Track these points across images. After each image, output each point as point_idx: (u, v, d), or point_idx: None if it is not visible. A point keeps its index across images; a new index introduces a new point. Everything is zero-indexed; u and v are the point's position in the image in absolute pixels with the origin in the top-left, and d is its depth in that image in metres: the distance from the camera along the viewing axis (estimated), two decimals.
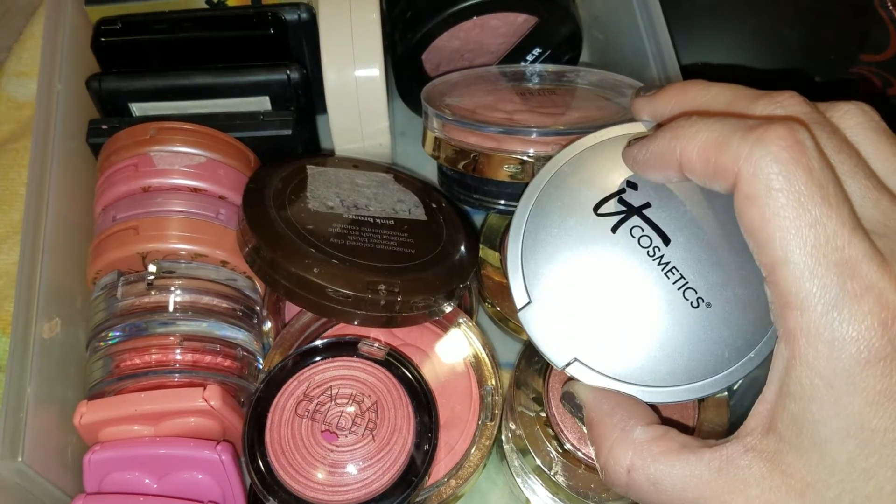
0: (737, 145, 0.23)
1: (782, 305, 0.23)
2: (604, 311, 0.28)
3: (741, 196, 0.23)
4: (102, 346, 0.39)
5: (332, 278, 0.37)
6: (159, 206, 0.41)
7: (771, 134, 0.23)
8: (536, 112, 0.42)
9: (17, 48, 0.59)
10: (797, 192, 0.22)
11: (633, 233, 0.28)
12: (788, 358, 0.23)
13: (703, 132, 0.24)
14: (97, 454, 0.38)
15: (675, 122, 0.26)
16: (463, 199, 0.43)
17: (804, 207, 0.22)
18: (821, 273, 0.22)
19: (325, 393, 0.39)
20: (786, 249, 0.22)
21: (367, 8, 0.45)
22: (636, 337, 0.28)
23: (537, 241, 0.29)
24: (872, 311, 0.21)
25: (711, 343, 0.27)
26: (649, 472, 0.25)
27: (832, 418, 0.22)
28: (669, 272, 0.28)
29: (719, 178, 0.24)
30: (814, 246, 0.22)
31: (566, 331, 0.28)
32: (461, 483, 0.38)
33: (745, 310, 0.27)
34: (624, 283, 0.28)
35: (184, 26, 0.46)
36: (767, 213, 0.23)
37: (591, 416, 0.28)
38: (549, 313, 0.28)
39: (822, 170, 0.22)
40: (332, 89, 0.45)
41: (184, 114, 0.45)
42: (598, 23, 0.52)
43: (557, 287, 0.28)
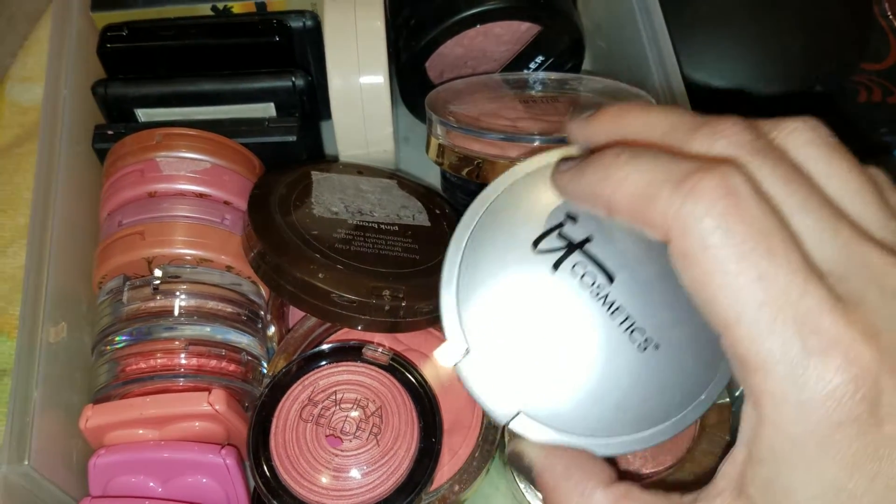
0: (666, 199, 0.21)
1: (742, 368, 0.21)
2: (548, 357, 0.26)
3: (676, 253, 0.21)
4: (108, 350, 0.39)
5: (336, 283, 0.38)
6: (165, 212, 0.41)
7: (702, 187, 0.20)
8: (539, 119, 0.42)
9: (23, 53, 0.60)
10: (737, 247, 0.20)
11: (575, 270, 0.26)
12: (756, 421, 0.21)
13: (630, 179, 0.22)
14: (102, 458, 0.38)
15: (604, 157, 0.23)
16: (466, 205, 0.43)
17: (747, 262, 0.20)
18: (777, 331, 0.20)
19: (329, 397, 0.39)
20: (734, 309, 0.20)
21: (371, 15, 0.45)
22: (583, 384, 0.25)
23: (473, 283, 0.26)
24: (841, 368, 0.19)
25: (661, 387, 0.25)
26: None
27: (806, 483, 0.20)
28: (615, 312, 0.25)
29: (649, 230, 0.22)
30: (764, 302, 0.20)
31: (509, 381, 0.26)
32: (464, 488, 0.39)
33: (693, 350, 0.26)
34: (568, 325, 0.26)
35: (189, 33, 0.46)
36: (707, 271, 0.21)
37: (545, 479, 0.25)
38: (490, 362, 0.26)
39: (764, 216, 0.20)
40: (337, 96, 0.45)
41: (189, 120, 0.45)
42: (600, 31, 0.53)
43: (497, 332, 0.26)
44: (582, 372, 0.25)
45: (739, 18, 0.50)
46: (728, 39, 0.50)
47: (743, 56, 0.50)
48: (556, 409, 0.25)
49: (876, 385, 0.20)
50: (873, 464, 0.20)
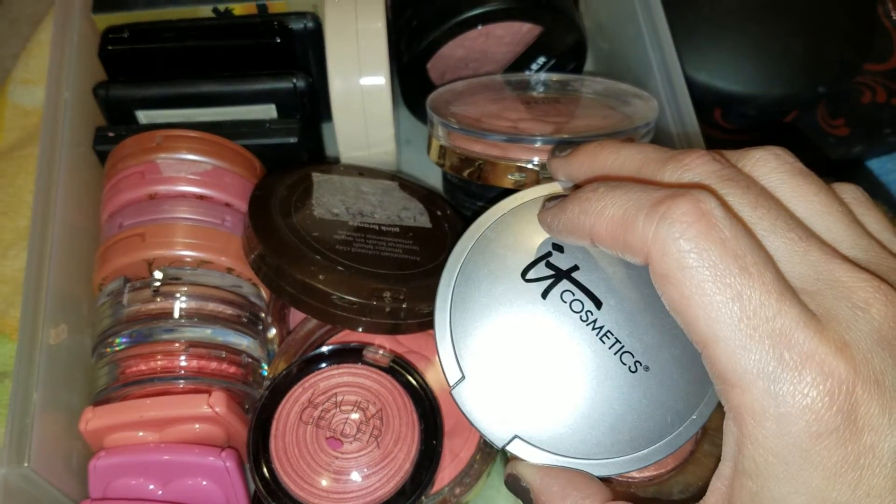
0: (642, 225, 0.22)
1: (722, 383, 0.22)
2: (541, 382, 0.26)
3: (656, 276, 0.22)
4: (108, 352, 0.39)
5: (337, 285, 0.38)
6: (165, 214, 0.41)
7: (675, 210, 0.22)
8: (541, 121, 0.42)
9: (24, 55, 0.60)
10: (712, 267, 0.21)
11: (563, 297, 0.27)
12: (738, 436, 0.22)
13: (608, 209, 0.23)
14: (102, 460, 0.38)
15: (583, 192, 0.25)
16: (467, 206, 0.43)
17: (723, 282, 0.21)
18: (754, 348, 0.21)
19: (329, 400, 0.39)
20: (712, 327, 0.21)
21: (372, 17, 0.45)
22: (576, 408, 0.26)
23: (466, 312, 0.27)
24: (816, 382, 0.20)
25: (653, 408, 0.26)
26: None
27: (792, 495, 0.21)
28: (604, 336, 0.27)
29: (630, 255, 0.23)
30: (740, 320, 0.21)
31: (504, 406, 0.27)
32: (465, 491, 0.38)
33: (682, 370, 0.26)
34: (559, 351, 0.27)
35: (190, 35, 0.47)
36: (685, 291, 0.21)
37: (543, 499, 0.26)
38: (485, 388, 0.27)
39: (736, 237, 0.21)
40: (338, 98, 0.45)
41: (190, 121, 0.46)
42: (602, 32, 0.53)
43: (491, 360, 0.27)
44: (575, 395, 0.26)
45: (742, 19, 0.50)
46: (731, 40, 0.50)
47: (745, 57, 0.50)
48: (552, 432, 0.26)
49: (851, 396, 0.20)
50: (854, 472, 0.20)
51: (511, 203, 0.30)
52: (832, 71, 0.51)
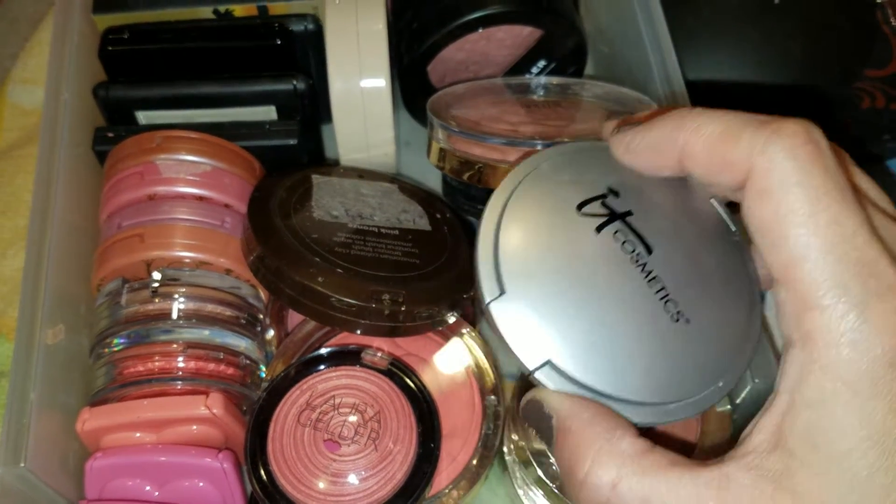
0: (749, 138, 0.22)
1: (799, 306, 0.22)
2: (581, 313, 0.25)
3: (753, 191, 0.22)
4: (106, 352, 0.39)
5: (336, 287, 0.38)
6: (164, 214, 0.41)
7: (787, 129, 0.22)
8: (541, 124, 0.42)
9: (24, 55, 0.60)
10: (815, 189, 0.21)
11: (616, 236, 0.26)
12: (805, 363, 0.21)
13: (710, 124, 0.23)
14: (99, 461, 0.38)
15: (676, 111, 0.24)
16: (467, 209, 0.44)
17: (822, 204, 0.21)
18: (841, 271, 0.21)
19: (327, 402, 0.39)
20: (803, 247, 0.21)
21: (373, 19, 0.45)
22: (613, 345, 0.25)
23: (514, 230, 0.26)
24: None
25: (686, 363, 0.26)
26: (639, 487, 0.23)
27: (855, 427, 0.20)
28: (652, 281, 0.26)
29: (727, 173, 0.23)
30: (833, 244, 0.21)
31: (539, 330, 0.25)
32: (463, 494, 0.38)
33: (720, 333, 0.26)
34: (604, 285, 0.26)
35: (191, 36, 0.47)
36: (782, 209, 0.22)
37: (568, 424, 0.24)
38: (523, 308, 0.25)
39: (838, 170, 0.22)
40: (338, 100, 0.45)
41: (190, 123, 0.45)
42: (603, 36, 0.53)
43: (533, 281, 0.26)
44: (613, 332, 0.25)
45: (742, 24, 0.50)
46: (730, 45, 0.50)
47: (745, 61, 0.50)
48: (585, 364, 0.25)
49: None
50: None
51: (570, 147, 0.29)
52: (831, 76, 0.51)
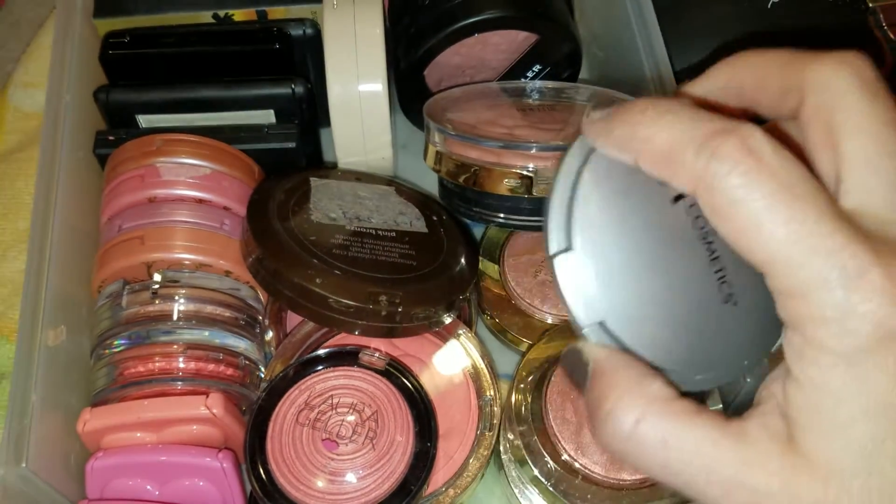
0: (691, 159, 0.22)
1: (782, 295, 0.22)
2: (643, 280, 0.26)
3: (706, 210, 0.23)
4: (107, 353, 0.40)
5: (334, 289, 0.38)
6: (165, 217, 0.41)
7: (724, 148, 0.22)
8: (536, 127, 0.43)
9: (25, 59, 0.60)
10: (764, 198, 0.21)
11: (691, 210, 0.26)
12: (800, 344, 0.22)
13: (657, 136, 0.24)
14: (100, 461, 0.38)
15: (631, 113, 0.25)
16: (463, 211, 0.44)
17: (776, 210, 0.21)
18: (814, 260, 0.21)
19: (325, 402, 0.39)
20: (769, 250, 0.22)
21: (370, 24, 0.46)
22: (665, 317, 0.26)
23: (592, 187, 0.26)
24: (879, 288, 0.21)
25: (723, 342, 0.26)
26: (661, 426, 0.23)
27: (855, 397, 0.21)
28: (714, 260, 0.26)
29: (676, 184, 0.24)
30: (796, 240, 0.21)
31: (599, 291, 0.26)
32: (459, 493, 0.39)
33: (758, 317, 0.26)
34: (670, 257, 0.26)
35: (191, 40, 0.47)
36: (739, 224, 0.22)
37: (602, 367, 0.25)
38: (587, 267, 0.26)
39: (787, 169, 0.22)
40: (336, 103, 0.45)
41: (190, 126, 0.46)
42: (597, 40, 0.53)
43: (603, 242, 0.26)
44: (670, 305, 0.26)
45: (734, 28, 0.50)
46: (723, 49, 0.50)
47: None
48: (635, 332, 0.26)
49: None
50: None
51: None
52: None
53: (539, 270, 0.45)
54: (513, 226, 0.43)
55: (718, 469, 0.22)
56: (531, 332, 0.44)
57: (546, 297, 0.45)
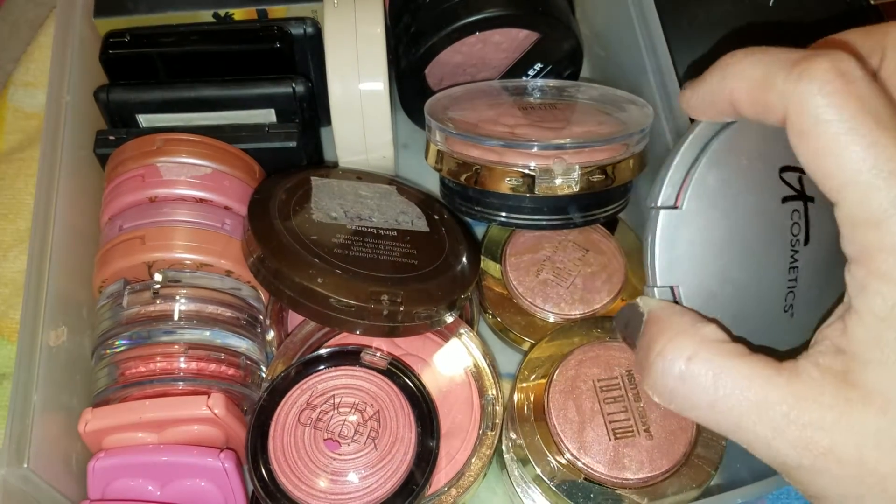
0: (782, 83, 0.23)
1: (853, 224, 0.22)
2: (727, 263, 0.27)
3: (793, 132, 0.23)
4: (108, 353, 0.40)
5: (335, 288, 0.38)
6: (165, 217, 0.41)
7: (815, 68, 0.22)
8: (538, 126, 0.43)
9: (26, 59, 0.60)
10: (849, 121, 0.22)
11: (793, 215, 0.27)
12: (864, 275, 0.22)
13: (749, 70, 0.24)
14: (101, 461, 0.38)
15: (722, 59, 0.25)
16: (465, 210, 0.44)
17: (859, 133, 0.22)
18: (889, 186, 0.21)
19: (327, 402, 0.39)
20: (848, 172, 0.22)
21: (371, 23, 0.46)
22: (730, 305, 0.27)
23: (719, 158, 0.27)
24: None
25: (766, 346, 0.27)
26: (713, 363, 0.23)
27: None
28: (792, 269, 0.27)
29: (771, 115, 0.24)
30: (875, 164, 0.21)
31: (685, 258, 0.26)
32: (461, 492, 0.39)
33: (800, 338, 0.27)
34: (759, 252, 0.27)
35: (191, 39, 0.47)
36: (821, 144, 0.22)
37: (657, 314, 0.26)
38: (684, 231, 0.26)
39: (873, 96, 0.22)
40: (337, 102, 0.45)
41: (190, 125, 0.46)
42: (598, 39, 0.53)
43: (709, 214, 0.26)
44: (739, 295, 0.27)
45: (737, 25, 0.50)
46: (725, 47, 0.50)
47: None
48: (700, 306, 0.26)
49: None
50: None
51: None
52: None
53: (541, 269, 0.45)
54: (514, 225, 0.43)
55: (770, 406, 0.23)
56: (533, 331, 0.44)
57: (548, 296, 0.44)
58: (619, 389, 0.39)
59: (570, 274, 0.45)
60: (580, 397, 0.39)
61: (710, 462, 0.37)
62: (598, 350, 0.40)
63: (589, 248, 0.46)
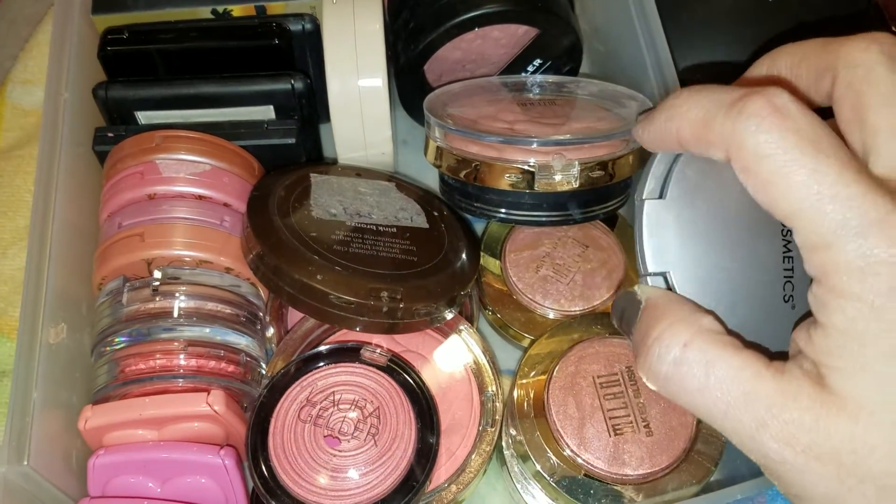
0: (721, 122, 0.24)
1: (808, 248, 0.23)
2: (717, 253, 0.27)
3: (738, 169, 0.24)
4: (108, 351, 0.40)
5: (334, 285, 0.38)
6: (164, 213, 0.41)
7: (750, 106, 0.23)
8: (537, 122, 0.43)
9: (24, 56, 0.60)
10: (789, 152, 0.22)
11: None
12: (823, 294, 0.23)
13: (691, 111, 0.25)
14: (101, 458, 0.38)
15: (667, 100, 0.27)
16: (464, 207, 0.44)
17: (799, 163, 0.22)
18: (836, 209, 0.22)
19: (327, 398, 0.39)
20: (795, 201, 0.23)
21: (370, 19, 0.46)
22: (724, 293, 0.27)
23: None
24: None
25: (770, 341, 0.27)
26: (707, 351, 0.24)
27: (879, 338, 0.22)
28: (787, 258, 0.28)
29: (714, 154, 0.25)
30: (819, 190, 0.22)
31: (674, 246, 0.27)
32: (462, 488, 0.39)
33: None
34: (748, 241, 0.27)
35: (189, 36, 0.47)
36: (765, 177, 0.23)
37: (654, 302, 0.27)
38: (671, 221, 0.27)
39: (810, 125, 0.23)
40: (336, 99, 0.45)
41: (189, 122, 0.46)
42: (598, 34, 0.53)
43: (695, 204, 0.27)
44: (732, 284, 0.27)
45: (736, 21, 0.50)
46: (725, 42, 0.50)
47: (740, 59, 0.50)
48: (695, 293, 0.27)
49: None
50: None
51: None
52: None
53: (540, 266, 0.45)
54: (514, 221, 0.43)
55: (756, 398, 0.23)
56: (533, 327, 0.44)
57: (548, 292, 0.44)
58: (619, 386, 0.39)
59: (569, 270, 0.45)
60: (580, 393, 0.39)
61: (710, 458, 0.37)
62: (598, 346, 0.40)
63: (589, 244, 0.46)
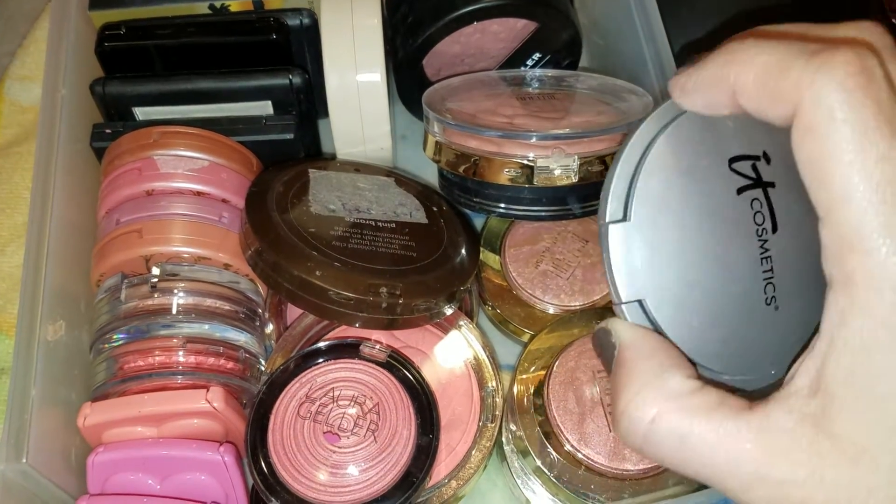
0: (799, 70, 0.21)
1: (841, 248, 0.21)
2: (692, 267, 0.25)
3: (800, 127, 0.21)
4: (106, 348, 0.40)
5: (333, 281, 0.38)
6: (163, 210, 0.41)
7: (838, 59, 0.20)
8: (536, 116, 0.42)
9: (21, 52, 0.60)
10: (863, 124, 0.20)
11: (753, 204, 0.26)
12: (846, 306, 0.21)
13: (761, 55, 0.22)
14: (101, 455, 0.38)
15: (728, 45, 0.23)
16: (463, 202, 0.44)
17: (870, 141, 0.20)
18: (886, 212, 0.20)
19: (327, 395, 0.39)
20: (848, 186, 0.20)
21: (368, 13, 0.45)
22: (704, 308, 0.25)
23: (659, 162, 0.26)
24: None
25: (757, 345, 0.26)
26: (677, 424, 0.22)
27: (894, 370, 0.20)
28: (765, 259, 0.26)
29: (777, 107, 0.22)
30: (879, 183, 0.20)
31: (646, 268, 0.25)
32: (462, 484, 0.39)
33: (796, 328, 0.26)
34: (722, 249, 0.26)
35: (187, 31, 0.47)
36: (828, 145, 0.20)
37: (625, 355, 0.24)
38: (639, 242, 0.25)
39: (890, 104, 0.20)
40: (334, 94, 0.45)
41: (187, 118, 0.46)
42: (597, 28, 0.53)
43: (661, 220, 0.25)
44: (712, 296, 0.25)
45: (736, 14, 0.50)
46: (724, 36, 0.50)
47: None
48: (672, 318, 0.25)
49: None
50: None
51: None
52: None
53: (540, 261, 0.45)
54: (513, 216, 0.43)
55: (739, 464, 0.21)
56: (533, 322, 0.44)
57: (547, 287, 0.44)
58: None
59: (569, 265, 0.45)
60: (580, 388, 0.38)
61: None
62: None
63: (589, 238, 0.46)
